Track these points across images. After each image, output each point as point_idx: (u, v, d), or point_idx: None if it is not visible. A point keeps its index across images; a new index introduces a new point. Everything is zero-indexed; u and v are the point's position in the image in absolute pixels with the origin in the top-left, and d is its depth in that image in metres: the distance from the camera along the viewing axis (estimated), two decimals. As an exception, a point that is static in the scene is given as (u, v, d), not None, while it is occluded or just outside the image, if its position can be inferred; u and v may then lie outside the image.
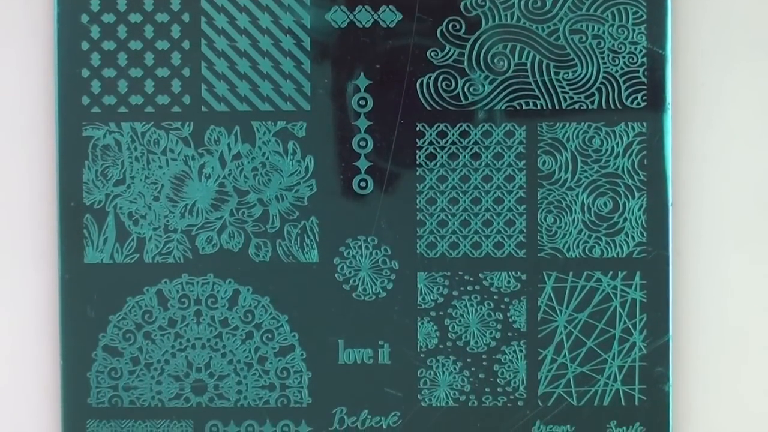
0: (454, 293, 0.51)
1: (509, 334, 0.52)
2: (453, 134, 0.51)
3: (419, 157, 0.51)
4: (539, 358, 0.52)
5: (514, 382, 0.52)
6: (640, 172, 0.51)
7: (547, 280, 0.51)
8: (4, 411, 0.52)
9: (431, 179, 0.51)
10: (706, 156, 0.52)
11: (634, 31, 0.51)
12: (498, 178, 0.51)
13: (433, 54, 0.51)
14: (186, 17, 0.51)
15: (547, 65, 0.51)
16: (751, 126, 0.52)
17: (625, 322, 0.51)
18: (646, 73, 0.51)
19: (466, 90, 0.51)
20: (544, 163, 0.51)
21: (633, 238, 0.51)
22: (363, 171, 0.51)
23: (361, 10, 0.51)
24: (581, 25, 0.51)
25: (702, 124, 0.52)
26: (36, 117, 0.52)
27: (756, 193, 0.52)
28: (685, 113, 0.52)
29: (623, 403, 0.52)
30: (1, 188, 0.52)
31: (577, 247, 0.51)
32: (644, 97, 0.51)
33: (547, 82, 0.51)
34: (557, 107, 0.51)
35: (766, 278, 0.52)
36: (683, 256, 0.52)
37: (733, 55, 0.52)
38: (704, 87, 0.51)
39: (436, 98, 0.51)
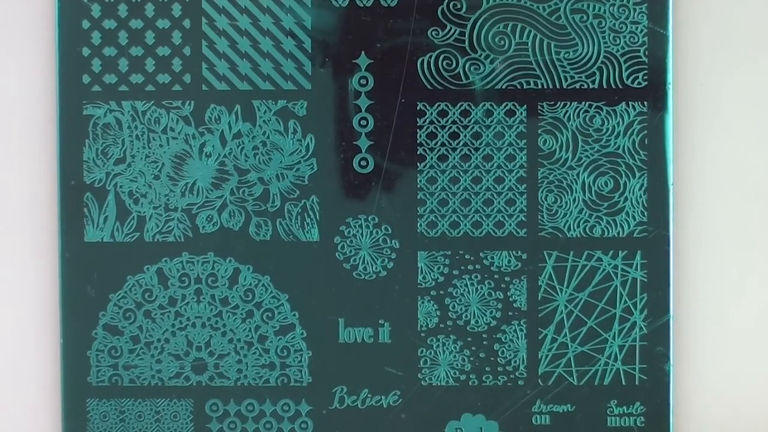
0: (455, 272, 0.51)
1: (510, 313, 0.52)
2: (454, 113, 0.51)
3: (420, 136, 0.51)
4: (540, 338, 0.52)
5: (515, 362, 0.52)
6: (641, 152, 0.51)
7: (547, 259, 0.51)
8: (5, 390, 0.52)
9: (432, 158, 0.51)
10: (707, 135, 0.52)
11: (635, 10, 0.51)
12: (499, 158, 0.51)
13: (433, 33, 0.51)
14: (187, -4, 0.51)
15: (548, 45, 0.51)
16: (754, 106, 0.52)
17: (625, 302, 0.51)
18: (647, 52, 0.51)
19: (466, 69, 0.51)
20: (544, 142, 0.51)
21: (634, 217, 0.51)
22: (364, 150, 0.51)
23: (362, -12, 0.51)
24: (582, 5, 0.51)
25: (703, 103, 0.52)
26: (36, 96, 0.52)
27: (757, 173, 0.52)
28: (686, 93, 0.52)
29: (623, 383, 0.52)
30: (2, 167, 0.52)
31: (578, 226, 0.51)
32: (645, 77, 0.51)
33: (548, 61, 0.51)
34: (558, 87, 0.51)
35: (767, 257, 0.52)
36: (684, 235, 0.52)
37: (734, 36, 0.52)
38: (706, 73, 0.51)
39: (437, 77, 0.51)
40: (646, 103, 0.51)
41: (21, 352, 0.52)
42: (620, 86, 0.51)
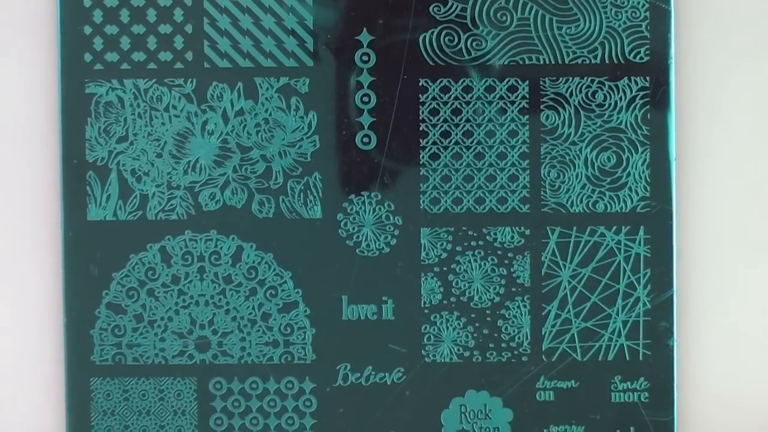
0: (458, 249, 0.51)
1: (513, 289, 0.52)
2: (456, 89, 0.51)
3: (422, 112, 0.51)
4: (543, 314, 0.52)
5: (518, 338, 0.52)
6: (644, 127, 0.51)
7: (550, 235, 0.51)
8: (9, 370, 0.52)
9: (434, 135, 0.51)
10: (711, 110, 0.52)
11: (636, -15, 0.51)
12: (501, 133, 0.51)
13: (435, 9, 0.51)
14: (188, -27, 0.51)
15: (550, 20, 0.51)
16: (759, 80, 0.52)
17: (629, 277, 0.51)
18: (648, 27, 0.51)
19: (469, 45, 0.51)
20: (547, 117, 0.51)
21: (636, 192, 0.51)
22: (366, 127, 0.51)
23: (363, -35, 0.51)
24: (584, -20, 0.51)
25: (706, 78, 0.52)
26: (38, 75, 0.52)
27: (761, 148, 0.52)
28: (688, 67, 0.52)
29: (627, 358, 0.51)
30: (4, 145, 0.52)
31: (581, 201, 0.51)
32: (647, 52, 0.51)
33: (550, 37, 0.51)
34: (560, 62, 0.51)
35: (770, 232, 0.52)
36: (687, 210, 0.52)
37: (737, 9, 0.52)
38: (709, 47, 0.51)
39: (439, 53, 0.51)
40: (648, 78, 0.51)
41: (24, 331, 0.52)
42: (622, 61, 0.51)
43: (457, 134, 0.51)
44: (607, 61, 0.51)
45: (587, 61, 0.51)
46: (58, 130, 0.51)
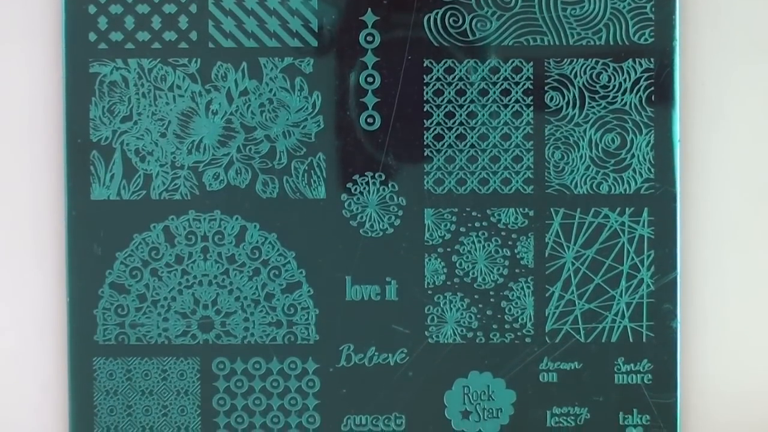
0: (462, 229, 0.51)
1: (517, 270, 0.51)
2: (460, 70, 0.51)
3: (426, 93, 0.51)
4: (547, 295, 0.52)
5: (522, 319, 0.52)
6: (648, 108, 0.51)
7: (554, 216, 0.51)
8: (11, 349, 0.52)
9: (438, 115, 0.51)
10: (715, 91, 0.52)
11: (641, -33, 0.51)
12: (505, 114, 0.51)
13: (440, -10, 0.51)
14: (193, -47, 0.51)
15: (555, 1, 0.51)
16: (765, 65, 0.52)
17: (632, 259, 0.51)
18: (653, 8, 0.51)
19: (473, 26, 0.51)
20: (551, 99, 0.51)
21: (640, 174, 0.51)
22: (370, 107, 0.51)
23: (368, -55, 0.51)
24: (589, -38, 0.51)
25: (711, 59, 0.52)
26: (42, 53, 0.52)
27: (766, 129, 0.52)
28: (693, 48, 0.52)
29: (631, 340, 0.51)
30: (8, 126, 0.52)
31: (585, 183, 0.51)
32: (651, 33, 0.51)
33: (555, 18, 0.51)
34: (564, 43, 0.51)
35: (774, 215, 0.52)
36: (691, 191, 0.52)
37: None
38: (714, 29, 0.51)
39: (444, 34, 0.51)
40: (652, 59, 0.51)
41: (27, 311, 0.52)
42: (627, 43, 0.51)
43: (461, 115, 0.51)
44: (611, 43, 0.51)
45: (592, 43, 0.51)
46: (62, 109, 0.51)
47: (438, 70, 0.51)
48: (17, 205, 0.52)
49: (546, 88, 0.51)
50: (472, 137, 0.51)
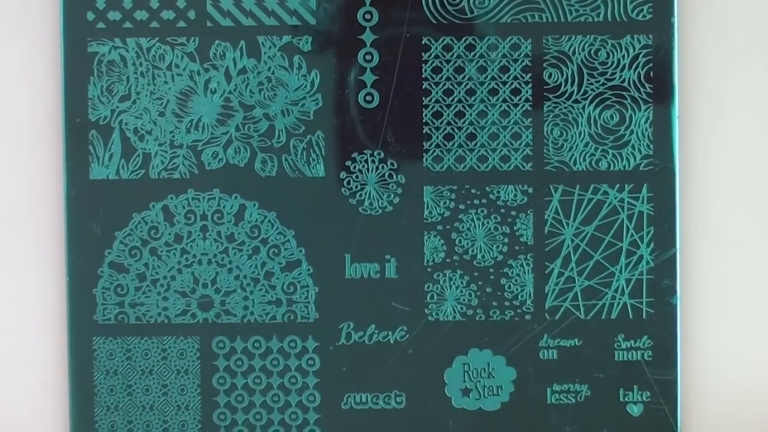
0: (461, 207, 0.51)
1: (516, 247, 0.51)
2: (459, 47, 0.51)
3: (425, 70, 0.51)
4: (546, 272, 0.51)
5: (522, 296, 0.52)
6: (647, 85, 0.51)
7: (553, 193, 0.51)
8: (12, 330, 0.52)
9: (437, 93, 0.51)
10: (714, 66, 0.52)
11: (639, -57, 0.51)
12: (504, 92, 0.51)
13: (438, -33, 0.51)
14: (191, -69, 0.51)
15: (553, -22, 0.51)
16: (765, 40, 0.52)
17: (632, 235, 0.51)
18: (651, -15, 0.51)
19: (471, 3, 0.51)
20: (550, 76, 0.51)
21: (639, 150, 0.51)
22: (369, 85, 0.51)
23: None
24: (586, -62, 0.51)
25: (710, 34, 0.52)
26: (41, 34, 0.52)
27: (764, 104, 0.52)
28: (692, 24, 0.51)
29: (631, 317, 0.51)
30: (7, 105, 0.52)
31: (584, 159, 0.51)
32: (650, 9, 0.51)
33: (553, -5, 0.51)
34: (563, 20, 0.51)
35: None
36: (690, 168, 0.52)
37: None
38: (712, 3, 0.51)
39: (442, 11, 0.51)
40: (651, 35, 0.51)
41: (26, 291, 0.52)
42: (625, 19, 0.51)
43: (459, 92, 0.51)
44: (609, 19, 0.51)
45: (590, 19, 0.51)
46: (61, 89, 0.51)
47: (436, 48, 0.51)
48: (16, 186, 0.52)
49: (544, 65, 0.51)
50: (470, 114, 0.51)
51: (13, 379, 0.52)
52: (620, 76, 0.51)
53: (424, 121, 0.51)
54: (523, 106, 0.51)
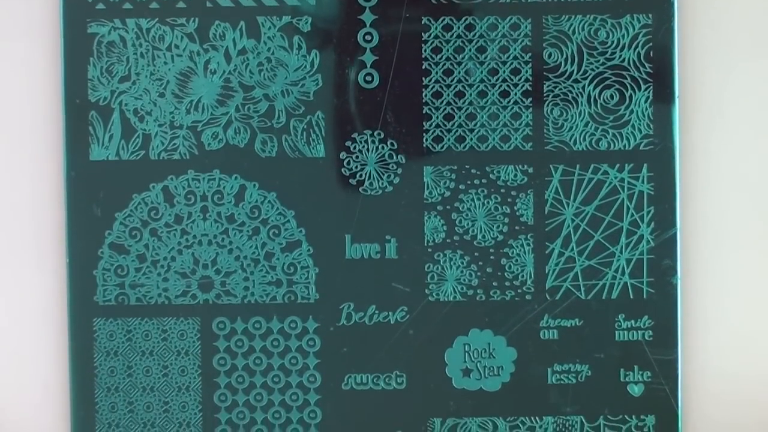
0: (461, 187, 0.51)
1: (516, 227, 0.51)
2: (458, 27, 0.51)
3: (425, 51, 0.51)
4: (547, 252, 0.51)
5: (522, 276, 0.52)
6: (646, 64, 0.51)
7: (553, 173, 0.51)
8: (11, 311, 0.52)
9: (437, 73, 0.51)
10: (714, 45, 0.52)
11: (638, -77, 0.51)
12: (504, 71, 0.51)
13: (437, -53, 0.51)
14: None
15: (552, -42, 0.51)
16: (764, 17, 0.52)
17: (632, 215, 0.51)
18: (651, -36, 0.51)
19: (471, -17, 0.51)
20: (549, 55, 0.51)
21: (639, 130, 0.51)
22: (369, 65, 0.51)
23: None
24: None
25: (710, 12, 0.52)
26: (41, 14, 0.52)
27: (764, 84, 0.52)
28: (692, 4, 0.51)
29: (631, 297, 0.51)
30: (6, 86, 0.52)
31: (584, 139, 0.51)
32: (650, -11, 0.51)
33: (553, -25, 0.51)
34: None
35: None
36: (690, 148, 0.52)
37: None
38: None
39: (442, -8, 0.51)
40: (650, 15, 0.51)
41: (26, 273, 0.52)
42: (625, -1, 0.51)
43: (459, 72, 0.51)
44: (609, -1, 0.51)
45: (590, -1, 0.51)
46: (60, 70, 0.51)
47: (436, 28, 0.51)
48: (16, 167, 0.52)
49: (544, 45, 0.51)
50: (470, 94, 0.51)
51: (13, 362, 0.52)
52: (620, 56, 0.51)
53: (424, 101, 0.51)
54: (523, 86, 0.51)
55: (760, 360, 0.52)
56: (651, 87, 0.51)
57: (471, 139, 0.51)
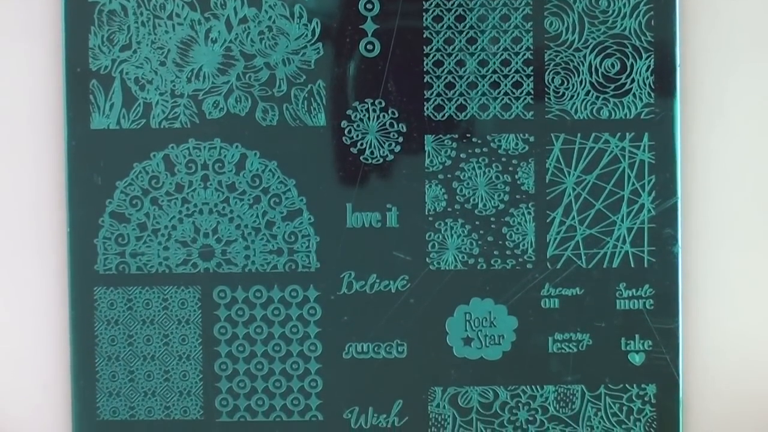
0: (462, 156, 0.51)
1: (517, 196, 0.51)
2: (459, -4, 0.51)
3: (426, 19, 0.51)
4: (548, 221, 0.51)
5: (523, 245, 0.51)
6: (648, 33, 0.51)
7: (554, 141, 0.51)
8: (12, 280, 0.52)
9: (438, 41, 0.51)
10: (715, 13, 0.52)
11: None
12: (505, 40, 0.51)
13: None
14: None
15: (554, -74, 0.51)
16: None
17: (633, 184, 0.51)
18: (652, -67, 0.51)
19: (472, -48, 0.51)
20: (551, 24, 0.51)
21: (640, 99, 0.51)
22: (370, 34, 0.51)
23: None
24: None
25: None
26: (41, -16, 0.52)
27: (765, 53, 0.52)
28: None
29: (632, 265, 0.51)
30: (6, 54, 0.52)
31: (585, 108, 0.51)
32: (651, -42, 0.51)
33: (554, -57, 0.51)
34: (564, -32, 0.51)
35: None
36: (691, 115, 0.52)
37: None
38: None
39: (443, -40, 0.51)
40: (652, -16, 0.51)
41: (27, 241, 0.52)
42: (626, -33, 0.51)
43: (461, 41, 0.51)
44: (610, -32, 0.51)
45: (591, -32, 0.51)
46: (61, 38, 0.51)
47: (437, -3, 0.51)
48: (16, 136, 0.52)
49: (545, 14, 0.51)
50: (471, 63, 0.51)
51: (13, 329, 0.52)
52: (621, 25, 0.51)
53: (425, 69, 0.51)
54: (524, 54, 0.51)
55: (760, 329, 0.52)
56: (652, 56, 0.51)
57: (472, 107, 0.51)
